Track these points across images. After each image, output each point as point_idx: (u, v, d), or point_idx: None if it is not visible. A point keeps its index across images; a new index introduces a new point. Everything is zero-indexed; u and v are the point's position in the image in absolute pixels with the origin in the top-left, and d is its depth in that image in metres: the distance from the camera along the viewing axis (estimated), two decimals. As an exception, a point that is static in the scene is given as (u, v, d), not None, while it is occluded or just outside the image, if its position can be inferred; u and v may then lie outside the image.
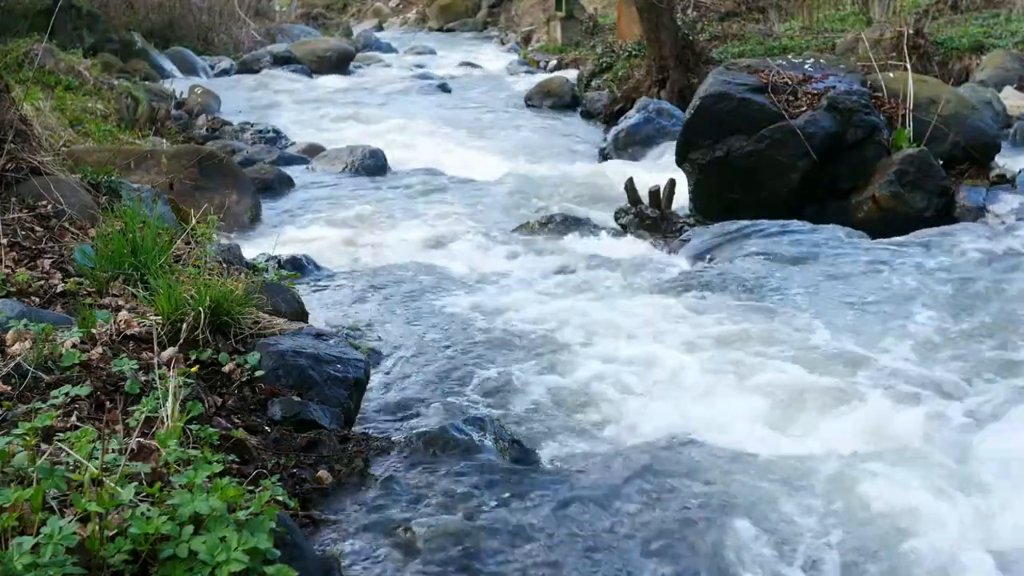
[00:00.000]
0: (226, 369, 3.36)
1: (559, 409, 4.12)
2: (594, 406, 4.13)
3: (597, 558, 2.73)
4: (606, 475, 3.27)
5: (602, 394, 4.21)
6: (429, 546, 2.69)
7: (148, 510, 2.12)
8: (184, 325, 3.39)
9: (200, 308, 3.43)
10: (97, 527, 2.06)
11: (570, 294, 5.69)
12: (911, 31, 11.99)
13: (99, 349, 3.19)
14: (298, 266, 6.09)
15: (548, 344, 4.80)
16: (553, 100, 15.07)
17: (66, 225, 4.36)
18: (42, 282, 3.82)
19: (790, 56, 9.12)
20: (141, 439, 2.53)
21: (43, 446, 2.35)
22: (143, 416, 2.66)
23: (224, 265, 4.59)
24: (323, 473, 2.99)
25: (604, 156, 10.80)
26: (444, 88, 17.21)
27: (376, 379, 4.32)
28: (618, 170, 9.17)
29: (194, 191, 7.19)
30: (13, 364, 2.91)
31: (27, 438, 2.33)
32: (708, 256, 6.42)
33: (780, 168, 7.33)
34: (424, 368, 4.57)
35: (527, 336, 4.92)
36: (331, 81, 17.85)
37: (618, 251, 6.82)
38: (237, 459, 2.84)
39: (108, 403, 2.87)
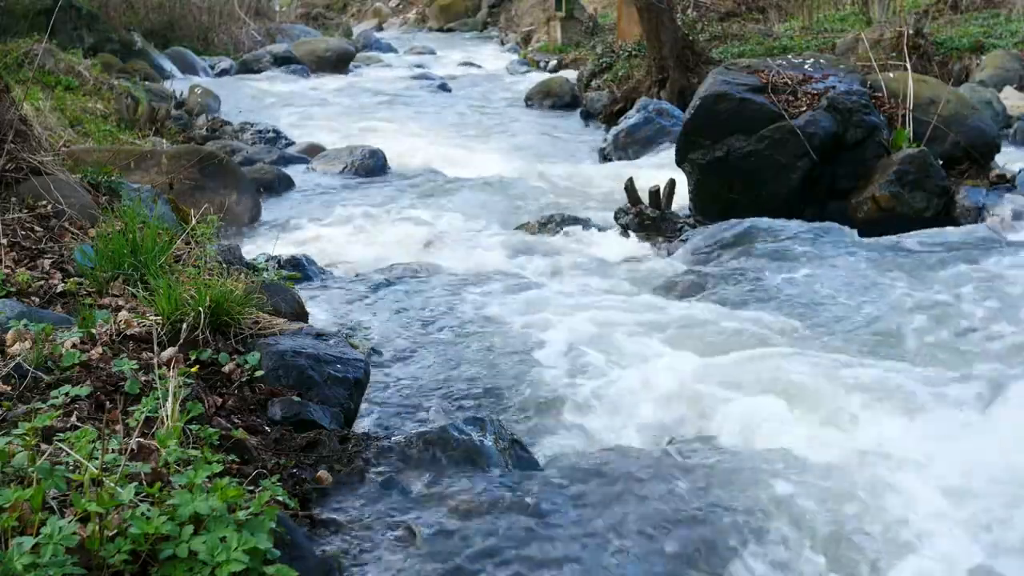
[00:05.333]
0: (226, 369, 3.35)
1: (559, 409, 4.12)
2: (594, 406, 4.13)
3: (597, 558, 2.73)
4: (605, 475, 3.27)
5: (602, 394, 4.21)
6: (429, 546, 2.69)
7: (148, 510, 2.11)
8: (184, 325, 3.39)
9: (200, 308, 3.43)
10: (97, 527, 2.06)
11: (570, 294, 5.69)
12: (911, 31, 12.00)
13: (99, 349, 3.19)
14: (298, 266, 6.09)
15: (548, 344, 4.79)
16: (553, 100, 15.07)
17: (66, 225, 4.36)
18: (42, 282, 3.82)
19: (790, 56, 9.12)
20: (141, 439, 2.53)
21: (43, 446, 2.35)
22: (143, 416, 2.66)
23: (224, 265, 4.58)
24: (323, 473, 2.99)
25: (604, 156, 10.82)
26: (444, 88, 17.22)
27: (376, 379, 4.31)
28: (618, 170, 9.18)
29: (194, 191, 7.20)
30: (13, 364, 2.91)
31: (27, 438, 2.33)
32: (708, 256, 6.41)
33: (780, 168, 7.33)
34: (424, 368, 4.57)
35: (527, 336, 4.92)
36: (331, 81, 17.86)
37: (618, 251, 6.83)
38: (237, 459, 2.83)
39: (108, 403, 2.87)
